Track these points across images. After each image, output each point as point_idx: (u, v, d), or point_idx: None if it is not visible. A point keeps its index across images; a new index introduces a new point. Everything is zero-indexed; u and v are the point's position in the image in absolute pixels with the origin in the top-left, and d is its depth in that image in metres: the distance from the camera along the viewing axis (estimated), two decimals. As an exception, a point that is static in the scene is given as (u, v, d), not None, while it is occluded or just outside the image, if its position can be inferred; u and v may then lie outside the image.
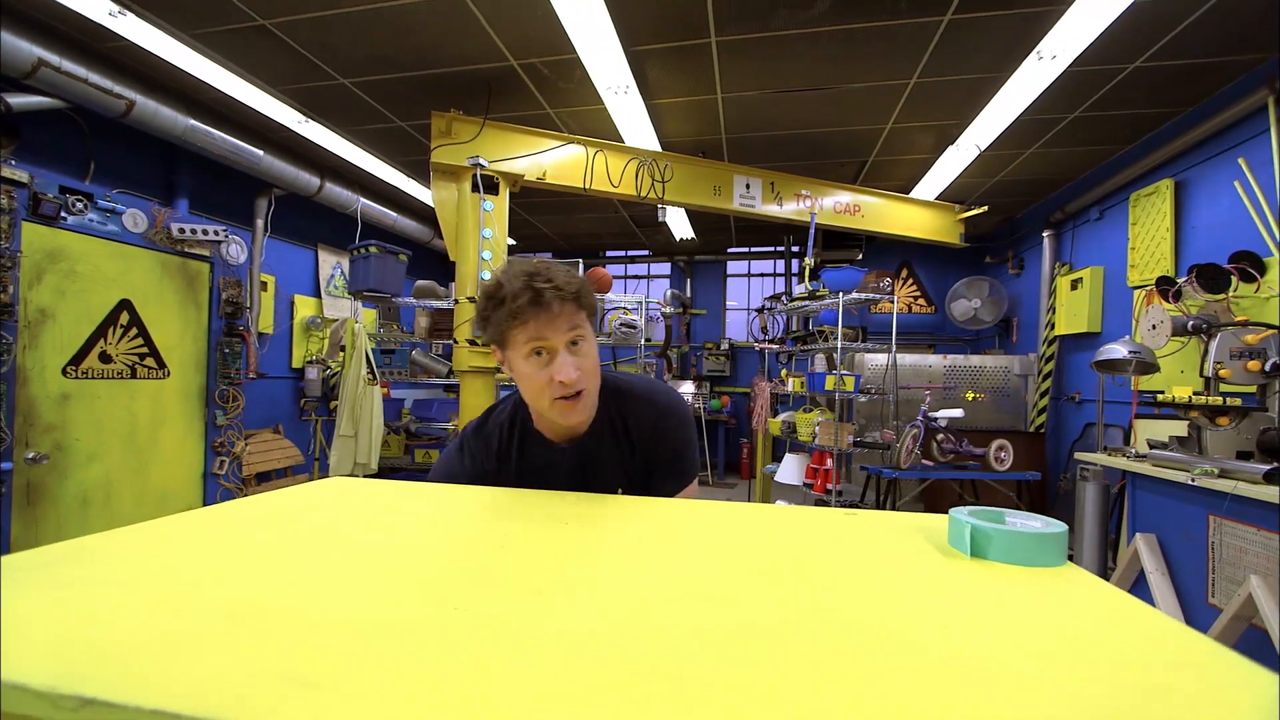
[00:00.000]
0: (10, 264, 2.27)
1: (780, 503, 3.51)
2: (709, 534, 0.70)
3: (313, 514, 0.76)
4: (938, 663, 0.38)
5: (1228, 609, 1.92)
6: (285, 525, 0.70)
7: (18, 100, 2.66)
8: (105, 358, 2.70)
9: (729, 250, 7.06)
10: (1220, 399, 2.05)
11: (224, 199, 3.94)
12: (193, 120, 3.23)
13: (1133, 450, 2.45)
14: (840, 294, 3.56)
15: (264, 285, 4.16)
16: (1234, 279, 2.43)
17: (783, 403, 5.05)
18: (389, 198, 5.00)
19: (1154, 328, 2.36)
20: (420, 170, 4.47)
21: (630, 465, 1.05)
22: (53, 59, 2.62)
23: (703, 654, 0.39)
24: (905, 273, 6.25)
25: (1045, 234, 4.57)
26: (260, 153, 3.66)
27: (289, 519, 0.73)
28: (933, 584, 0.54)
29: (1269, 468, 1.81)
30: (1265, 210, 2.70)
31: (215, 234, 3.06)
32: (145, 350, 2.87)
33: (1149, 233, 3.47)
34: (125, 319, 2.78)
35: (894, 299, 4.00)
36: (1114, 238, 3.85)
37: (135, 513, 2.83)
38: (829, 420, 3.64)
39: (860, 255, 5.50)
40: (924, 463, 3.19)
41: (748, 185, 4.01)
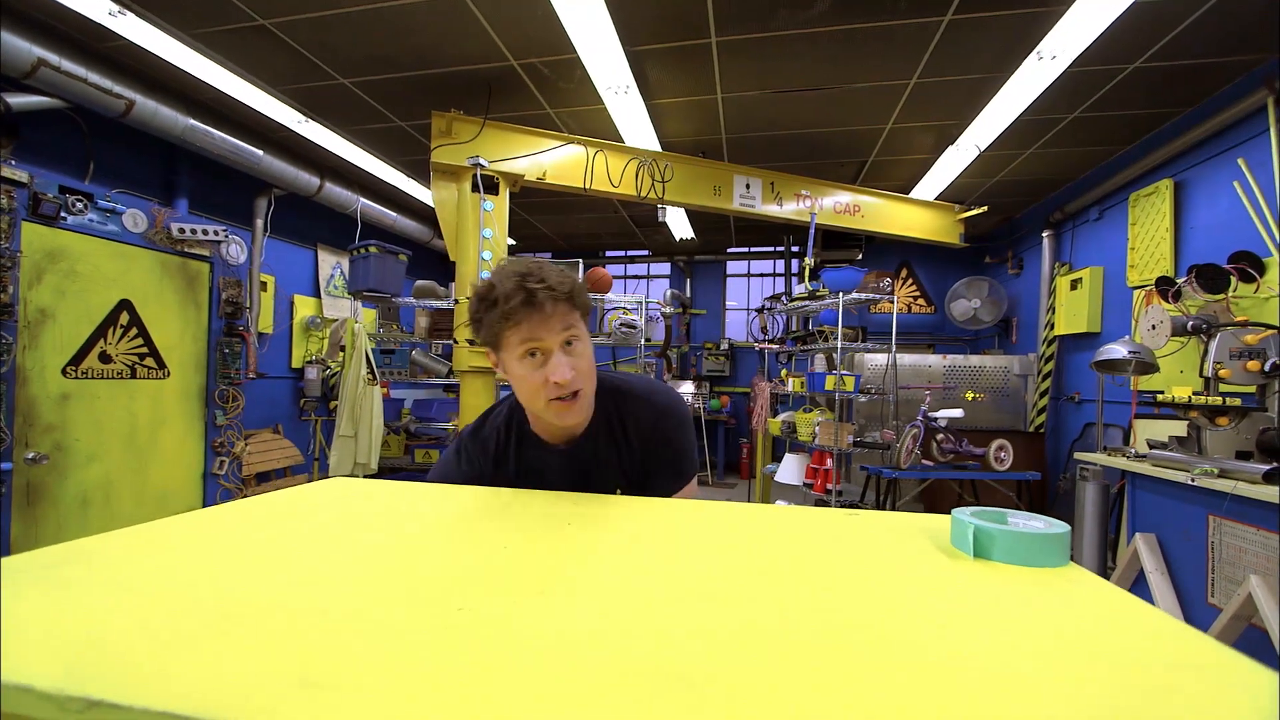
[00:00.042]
0: (10, 264, 2.27)
1: (780, 503, 3.51)
2: (712, 534, 0.70)
3: (315, 515, 0.75)
4: (942, 663, 0.38)
5: (1227, 609, 1.92)
6: (288, 526, 0.70)
7: (17, 100, 2.66)
8: (105, 358, 2.70)
9: (729, 250, 7.07)
10: (1220, 399, 2.05)
11: (224, 199, 3.93)
12: (192, 120, 3.23)
13: (1132, 450, 2.45)
14: (840, 294, 3.56)
15: (264, 285, 4.15)
16: (1233, 279, 2.43)
17: (782, 403, 5.06)
18: (389, 198, 5.00)
19: (1153, 328, 2.36)
20: (420, 170, 4.47)
21: (628, 466, 1.04)
22: (52, 59, 2.62)
23: (708, 655, 0.39)
24: (905, 273, 6.25)
25: (1045, 234, 4.57)
26: (260, 152, 3.66)
27: (291, 520, 0.73)
28: (936, 584, 0.54)
29: (1268, 468, 1.81)
30: (1264, 210, 2.71)
31: (215, 234, 3.06)
32: (145, 350, 2.87)
33: (1148, 233, 3.47)
34: (125, 319, 2.78)
35: (894, 299, 4.00)
36: (1113, 238, 3.85)
37: (135, 513, 2.82)
38: (829, 420, 3.64)
39: (860, 255, 5.51)
40: (924, 463, 3.20)
41: (748, 185, 4.01)
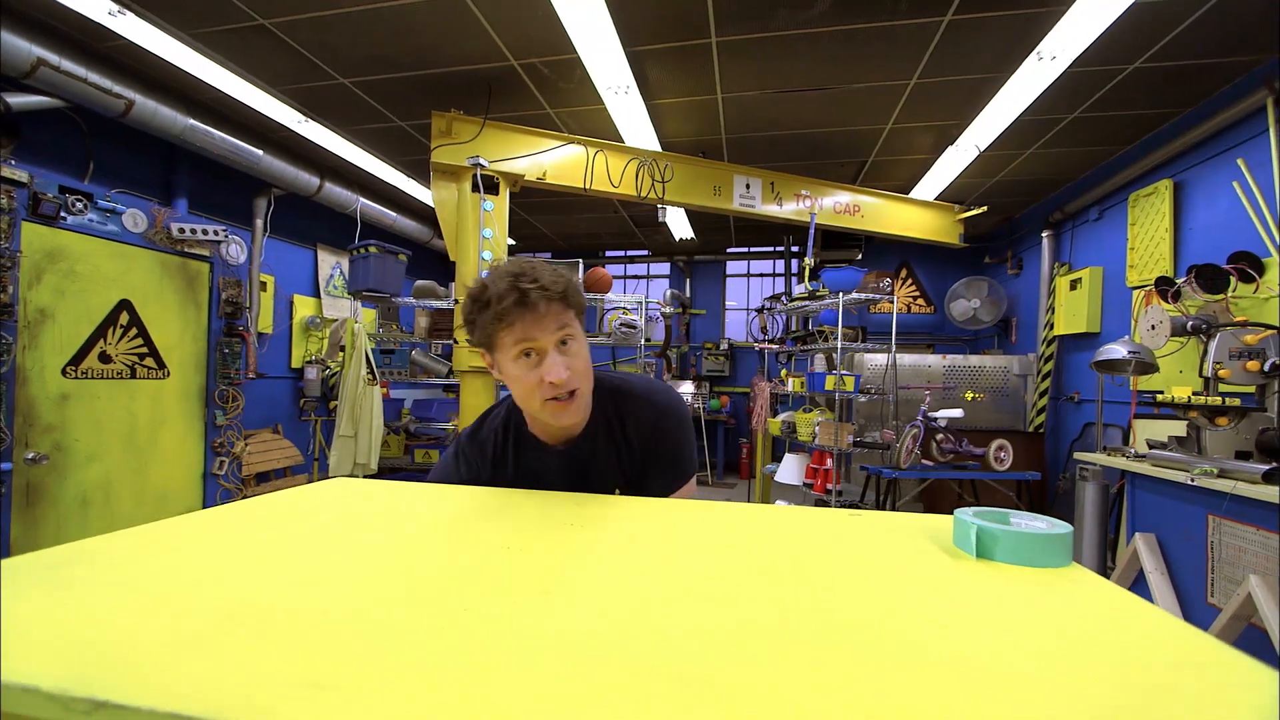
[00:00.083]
0: (10, 264, 2.27)
1: (780, 503, 3.51)
2: (715, 535, 0.70)
3: (318, 515, 0.76)
4: (946, 663, 0.38)
5: (1227, 608, 1.92)
6: (291, 526, 0.70)
7: (17, 100, 2.66)
8: (105, 358, 2.70)
9: (728, 250, 7.07)
10: (1219, 399, 2.06)
11: (223, 199, 3.93)
12: (192, 120, 3.23)
13: (1132, 450, 2.46)
14: (840, 294, 3.56)
15: (263, 285, 4.15)
16: (1233, 279, 2.44)
17: (782, 403, 5.06)
18: (389, 198, 5.00)
19: (1153, 328, 2.36)
20: (420, 170, 4.47)
21: (627, 466, 1.03)
22: (52, 58, 2.61)
23: (713, 655, 0.39)
24: (904, 273, 6.26)
25: (1044, 234, 4.58)
26: (260, 152, 3.66)
27: (295, 520, 0.73)
28: (939, 585, 0.54)
29: (1268, 467, 1.82)
30: (1264, 211, 2.71)
31: (215, 234, 3.05)
32: (145, 350, 2.87)
33: (1148, 233, 3.47)
34: (125, 319, 2.77)
35: (893, 299, 4.00)
36: (1113, 238, 3.86)
37: (135, 513, 2.82)
38: (829, 420, 3.64)
39: (860, 255, 5.51)
40: (924, 463, 3.20)
41: (748, 185, 4.01)
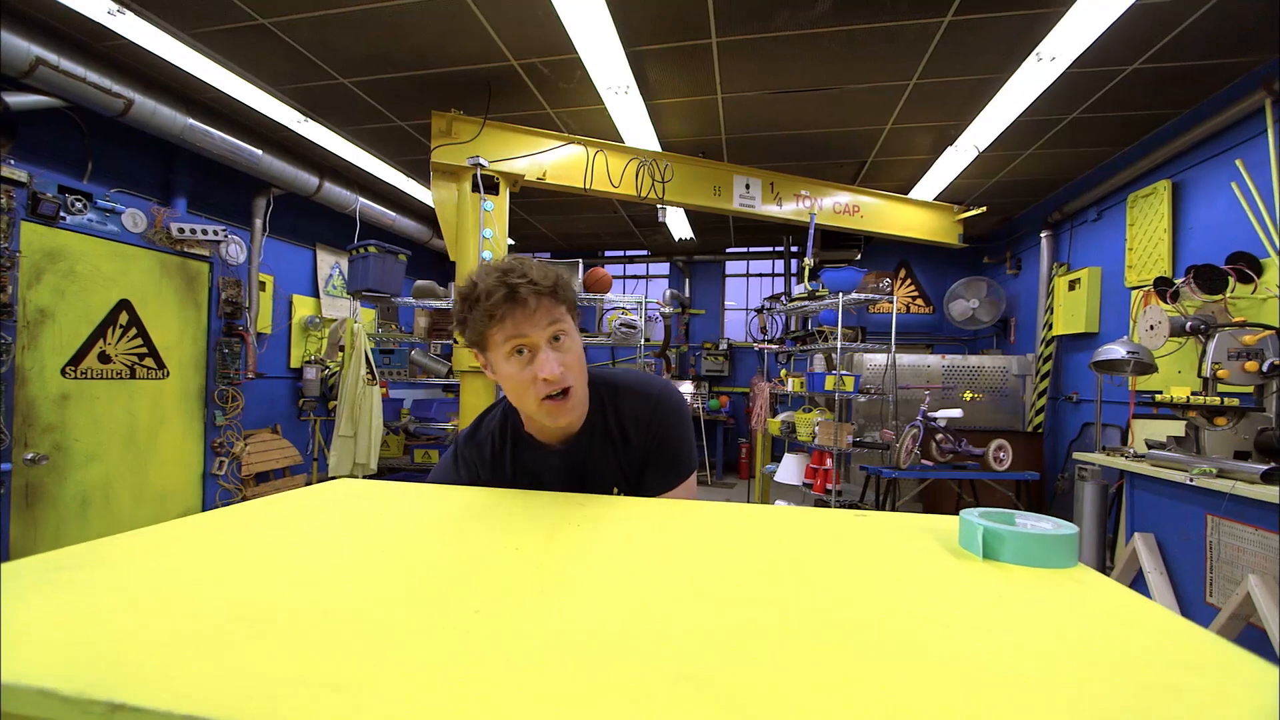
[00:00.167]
0: (9, 264, 2.26)
1: (780, 503, 3.52)
2: (719, 535, 0.71)
3: (324, 516, 0.76)
4: (955, 663, 0.38)
5: (1226, 608, 1.93)
6: (298, 528, 0.70)
7: (16, 99, 2.65)
8: (104, 358, 2.69)
9: (728, 250, 7.07)
10: (1218, 399, 2.06)
11: (223, 198, 3.93)
12: (191, 119, 3.22)
13: (1131, 450, 2.46)
14: (839, 294, 3.57)
15: (262, 285, 4.15)
16: (1231, 280, 2.44)
17: (782, 403, 5.06)
18: (388, 197, 4.99)
19: (1152, 328, 2.37)
20: (420, 170, 4.47)
21: (626, 463, 1.02)
22: (51, 58, 2.61)
23: (720, 655, 0.39)
24: (904, 273, 6.27)
25: (1043, 234, 4.59)
26: (259, 152, 3.65)
27: (301, 521, 0.73)
28: (946, 585, 0.54)
29: (1266, 467, 1.82)
30: (1262, 211, 2.72)
31: (214, 234, 3.05)
32: (144, 350, 2.86)
33: (1147, 233, 3.48)
34: (124, 319, 2.77)
35: (893, 299, 4.00)
36: (1112, 238, 3.87)
37: (135, 513, 2.81)
38: (828, 420, 3.64)
39: (859, 255, 5.52)
40: (923, 463, 3.20)
41: (747, 185, 4.02)
